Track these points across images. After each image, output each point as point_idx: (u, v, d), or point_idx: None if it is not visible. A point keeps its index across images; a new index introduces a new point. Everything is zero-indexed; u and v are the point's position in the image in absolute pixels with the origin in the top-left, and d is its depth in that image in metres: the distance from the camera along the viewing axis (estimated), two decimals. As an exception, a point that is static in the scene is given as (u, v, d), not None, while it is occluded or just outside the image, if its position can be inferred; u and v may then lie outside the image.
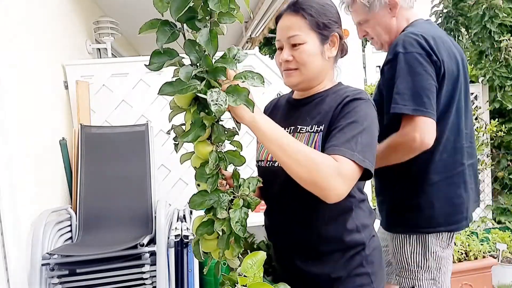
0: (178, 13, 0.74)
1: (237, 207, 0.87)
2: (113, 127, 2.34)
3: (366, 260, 1.04)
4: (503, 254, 2.78)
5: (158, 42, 0.77)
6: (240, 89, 0.81)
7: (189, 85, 0.78)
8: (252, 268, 0.80)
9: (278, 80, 2.56)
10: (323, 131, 0.99)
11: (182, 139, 0.83)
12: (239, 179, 0.94)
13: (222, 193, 0.88)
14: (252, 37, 5.05)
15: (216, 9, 0.75)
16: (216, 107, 0.76)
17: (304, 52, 1.02)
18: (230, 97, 0.80)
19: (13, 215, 1.63)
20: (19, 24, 1.86)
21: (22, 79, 1.83)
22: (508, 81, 3.28)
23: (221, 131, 0.88)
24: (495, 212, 3.54)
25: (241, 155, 0.91)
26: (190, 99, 0.84)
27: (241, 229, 0.86)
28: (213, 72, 0.80)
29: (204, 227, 0.89)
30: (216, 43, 0.78)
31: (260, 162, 1.13)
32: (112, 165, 2.17)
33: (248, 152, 2.59)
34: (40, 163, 1.92)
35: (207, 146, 0.87)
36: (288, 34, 1.03)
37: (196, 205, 0.86)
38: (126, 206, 2.09)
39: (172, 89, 0.78)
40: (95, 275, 1.71)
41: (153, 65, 0.79)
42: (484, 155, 3.50)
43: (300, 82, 1.06)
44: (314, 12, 1.02)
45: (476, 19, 3.34)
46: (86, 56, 2.93)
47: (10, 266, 1.59)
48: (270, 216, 1.16)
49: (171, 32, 0.78)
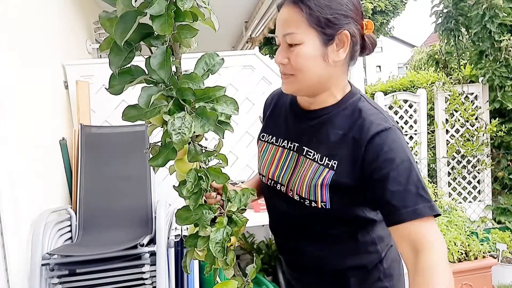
0: (123, 36, 0.64)
1: (221, 225, 0.82)
2: (113, 127, 2.34)
3: (383, 273, 0.94)
4: (503, 254, 2.78)
5: (111, 66, 0.68)
6: (208, 113, 0.71)
7: (153, 108, 0.69)
8: None
9: (278, 80, 2.56)
10: (335, 169, 0.83)
11: (151, 163, 0.76)
12: (228, 192, 0.88)
13: (207, 210, 0.83)
14: (252, 37, 5.05)
15: (161, 32, 0.64)
16: (178, 136, 0.67)
17: (300, 56, 0.81)
18: (198, 122, 0.71)
19: (13, 215, 1.62)
20: (19, 24, 1.86)
21: (22, 79, 1.83)
22: (508, 81, 3.28)
23: (198, 151, 0.79)
24: (495, 212, 3.54)
25: (223, 172, 0.83)
26: (161, 118, 0.74)
27: (220, 251, 0.79)
28: (179, 91, 0.71)
29: (193, 240, 0.85)
30: (169, 66, 0.69)
31: (262, 176, 1.03)
32: (112, 165, 2.17)
33: (248, 153, 2.57)
34: (40, 163, 1.92)
35: (187, 163, 0.80)
36: (284, 31, 0.83)
37: (182, 219, 0.82)
38: (126, 206, 2.09)
39: (136, 113, 0.71)
40: (95, 275, 1.71)
41: (114, 88, 0.70)
42: (484, 155, 3.51)
43: (298, 91, 0.90)
44: (315, 4, 0.80)
45: (476, 19, 3.34)
46: (86, 56, 2.92)
47: (10, 266, 1.59)
48: (274, 231, 1.07)
49: (127, 51, 0.68)
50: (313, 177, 0.86)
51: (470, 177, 3.60)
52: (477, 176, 3.60)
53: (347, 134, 0.84)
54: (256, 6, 4.04)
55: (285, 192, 0.93)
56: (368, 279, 0.93)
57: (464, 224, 2.76)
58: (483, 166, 3.52)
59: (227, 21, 4.69)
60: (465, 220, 2.91)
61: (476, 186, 3.62)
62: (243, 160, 2.52)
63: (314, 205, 0.86)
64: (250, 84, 2.54)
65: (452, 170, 3.61)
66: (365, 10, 9.98)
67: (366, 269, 0.93)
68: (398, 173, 0.76)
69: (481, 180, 3.59)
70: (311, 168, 0.87)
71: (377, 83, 5.43)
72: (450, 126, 3.57)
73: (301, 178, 0.89)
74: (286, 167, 0.94)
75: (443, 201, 3.08)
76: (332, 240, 0.92)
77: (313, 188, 0.85)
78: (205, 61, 0.76)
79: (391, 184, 0.76)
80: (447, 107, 3.54)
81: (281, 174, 0.95)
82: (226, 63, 0.83)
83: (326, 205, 0.85)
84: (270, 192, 1.00)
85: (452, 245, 2.47)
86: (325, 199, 0.85)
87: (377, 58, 28.12)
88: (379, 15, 9.66)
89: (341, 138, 0.85)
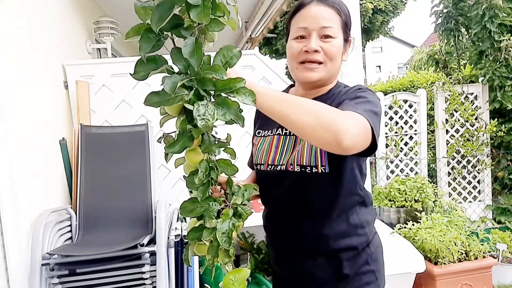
0: (159, 24, 0.68)
1: (227, 217, 0.85)
2: (113, 127, 2.34)
3: (371, 257, 1.03)
4: (503, 254, 2.78)
5: (141, 51, 0.71)
6: (230, 102, 0.75)
7: (176, 95, 0.72)
8: (233, 285, 0.78)
9: (278, 80, 2.56)
10: None
11: (168, 149, 0.79)
12: (233, 187, 0.92)
13: (213, 202, 0.86)
14: (252, 37, 5.05)
15: (198, 20, 0.69)
16: (203, 122, 0.71)
17: (335, 46, 0.98)
18: (220, 110, 0.74)
19: (13, 215, 1.63)
20: (19, 24, 1.86)
21: (22, 79, 1.83)
22: (508, 81, 3.28)
23: (211, 141, 0.84)
24: (495, 212, 3.54)
25: (233, 164, 0.88)
26: (179, 108, 0.79)
27: (226, 241, 0.83)
28: (201, 81, 0.75)
29: (196, 233, 0.87)
30: (200, 54, 0.72)
31: (260, 165, 1.10)
32: (112, 165, 2.17)
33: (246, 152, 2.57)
34: (40, 163, 1.92)
35: (198, 154, 0.84)
36: (323, 24, 0.97)
37: (187, 211, 0.84)
38: (126, 206, 2.09)
39: (158, 99, 0.74)
40: (95, 275, 1.71)
41: (139, 74, 0.74)
42: (484, 155, 3.51)
43: (320, 79, 1.01)
44: (346, 12, 1.01)
45: (476, 19, 3.34)
46: (86, 56, 2.92)
47: (10, 266, 1.59)
48: (271, 219, 1.13)
49: (156, 40, 0.72)
50: (310, 150, 0.96)
51: (470, 177, 3.60)
52: (477, 176, 3.61)
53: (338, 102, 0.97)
54: (256, 6, 4.04)
55: (285, 169, 1.01)
56: (357, 261, 1.02)
57: (464, 224, 2.76)
58: (483, 166, 3.52)
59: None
60: (465, 220, 2.90)
61: (476, 186, 3.62)
62: (243, 160, 2.51)
63: (315, 170, 0.95)
64: (250, 84, 2.54)
65: (452, 170, 3.61)
66: (365, 10, 9.96)
67: (357, 250, 1.02)
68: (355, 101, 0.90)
69: (481, 180, 3.59)
70: (307, 145, 0.97)
71: (377, 83, 5.43)
72: (450, 126, 3.57)
73: (302, 150, 0.98)
74: (285, 150, 1.03)
75: (443, 201, 3.08)
76: (328, 219, 1.00)
77: (314, 153, 0.95)
78: (223, 54, 0.79)
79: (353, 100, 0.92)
80: (447, 107, 3.54)
81: (282, 156, 1.03)
82: (226, 63, 0.85)
83: (325, 169, 0.95)
84: (269, 178, 1.06)
85: (452, 245, 2.47)
86: (324, 163, 0.95)
87: (377, 58, 28.19)
88: (379, 14, 9.66)
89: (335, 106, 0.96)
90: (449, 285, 2.45)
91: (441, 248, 2.44)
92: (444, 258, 2.45)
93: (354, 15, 1.29)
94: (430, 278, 2.46)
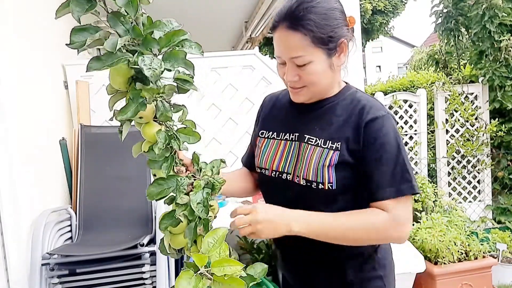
0: None
1: (199, 188, 0.78)
2: (113, 127, 2.34)
3: (378, 263, 1.01)
4: (503, 254, 2.78)
5: (73, 14, 0.66)
6: (176, 52, 0.71)
7: (119, 57, 0.68)
8: (214, 246, 0.69)
9: (278, 80, 2.56)
10: (340, 149, 0.91)
11: (121, 116, 0.73)
12: (199, 163, 0.85)
13: (181, 178, 0.79)
14: (252, 37, 5.05)
15: None
16: (150, 71, 0.67)
17: (312, 73, 0.90)
18: (167, 63, 0.71)
19: (13, 215, 1.63)
20: (19, 24, 1.86)
21: (22, 79, 1.83)
22: (508, 81, 3.28)
23: (167, 107, 0.77)
24: (495, 212, 3.54)
25: (195, 131, 0.82)
26: (126, 78, 0.73)
27: (203, 210, 0.76)
28: (144, 42, 0.70)
29: (168, 219, 0.79)
30: (136, 3, 0.68)
31: (264, 170, 1.04)
32: (112, 165, 2.17)
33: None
34: (40, 163, 1.92)
35: (155, 126, 0.79)
36: (291, 54, 0.90)
37: (154, 195, 0.77)
38: (126, 206, 2.09)
39: (101, 64, 0.68)
40: (95, 275, 1.71)
41: (75, 44, 0.69)
42: (484, 155, 3.51)
43: (310, 98, 0.98)
44: (315, 26, 0.87)
45: (476, 19, 3.34)
46: (86, 56, 2.92)
47: (10, 266, 1.59)
48: None
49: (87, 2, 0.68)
50: (319, 160, 0.92)
51: (470, 177, 3.60)
52: (477, 176, 3.60)
53: (348, 119, 0.94)
54: (256, 6, 4.04)
55: (291, 179, 0.98)
56: (363, 268, 0.99)
57: (464, 224, 2.76)
58: (483, 166, 3.52)
59: (227, 21, 4.69)
60: (465, 220, 2.90)
61: (476, 186, 3.62)
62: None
63: (321, 187, 0.92)
64: (250, 84, 2.54)
65: (452, 170, 3.61)
66: (364, 11, 9.95)
67: (362, 257, 0.99)
68: (389, 156, 0.89)
69: (481, 180, 3.59)
70: (316, 153, 0.94)
71: (377, 83, 5.43)
72: (450, 126, 3.57)
73: (307, 163, 0.94)
74: (290, 157, 1.00)
75: (443, 201, 3.08)
76: None
77: (321, 169, 0.92)
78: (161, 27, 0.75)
79: (382, 165, 0.89)
80: (447, 107, 3.54)
81: (286, 164, 1.00)
82: (226, 63, 0.84)
83: (332, 186, 0.91)
84: (273, 185, 1.03)
85: (452, 245, 2.47)
86: (331, 180, 0.91)
87: (377, 58, 28.20)
88: (379, 15, 9.66)
89: (343, 123, 0.94)
90: (449, 285, 2.44)
91: (441, 248, 2.43)
92: (444, 258, 2.45)
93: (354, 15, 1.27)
94: (430, 278, 2.46)
